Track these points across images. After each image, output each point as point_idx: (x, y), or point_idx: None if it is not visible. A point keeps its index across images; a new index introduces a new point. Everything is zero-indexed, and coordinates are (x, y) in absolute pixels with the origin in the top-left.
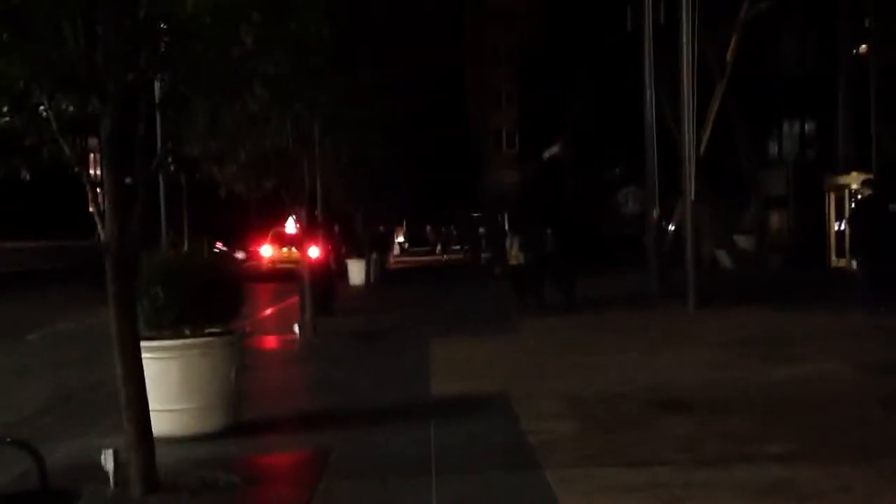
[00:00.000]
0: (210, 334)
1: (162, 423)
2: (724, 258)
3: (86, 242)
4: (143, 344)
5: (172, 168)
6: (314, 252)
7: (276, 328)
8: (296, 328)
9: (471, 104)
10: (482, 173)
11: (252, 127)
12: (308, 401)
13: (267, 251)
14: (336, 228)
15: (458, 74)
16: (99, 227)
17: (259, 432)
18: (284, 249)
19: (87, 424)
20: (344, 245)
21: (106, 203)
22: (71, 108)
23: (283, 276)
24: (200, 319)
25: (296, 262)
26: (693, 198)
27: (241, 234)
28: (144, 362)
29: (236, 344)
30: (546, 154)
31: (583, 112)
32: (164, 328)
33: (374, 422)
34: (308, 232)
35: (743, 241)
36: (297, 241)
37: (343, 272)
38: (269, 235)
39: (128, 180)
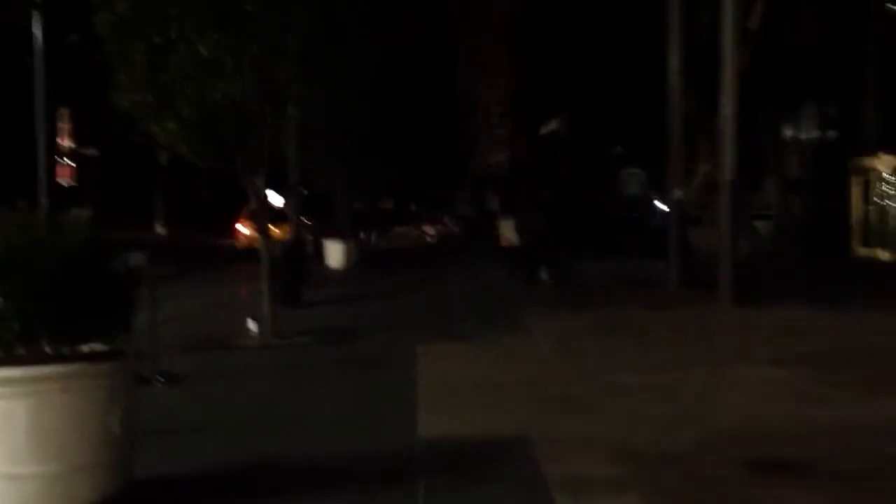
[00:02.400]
0: (80, 357)
1: (4, 495)
2: (740, 245)
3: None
4: None
5: None
6: (281, 230)
7: (229, 323)
8: (251, 324)
9: (460, 79)
10: (471, 151)
11: (199, 74)
12: (243, 443)
13: (243, 228)
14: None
15: (448, 46)
16: None
17: None
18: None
19: None
20: (322, 223)
21: None
22: None
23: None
24: (67, 333)
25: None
26: (731, 177)
27: (231, 211)
28: None
29: (122, 371)
30: (543, 130)
31: (584, 84)
32: (14, 347)
33: (329, 486)
34: (268, 205)
35: (762, 227)
36: (267, 217)
37: (319, 253)
38: (246, 211)
39: None
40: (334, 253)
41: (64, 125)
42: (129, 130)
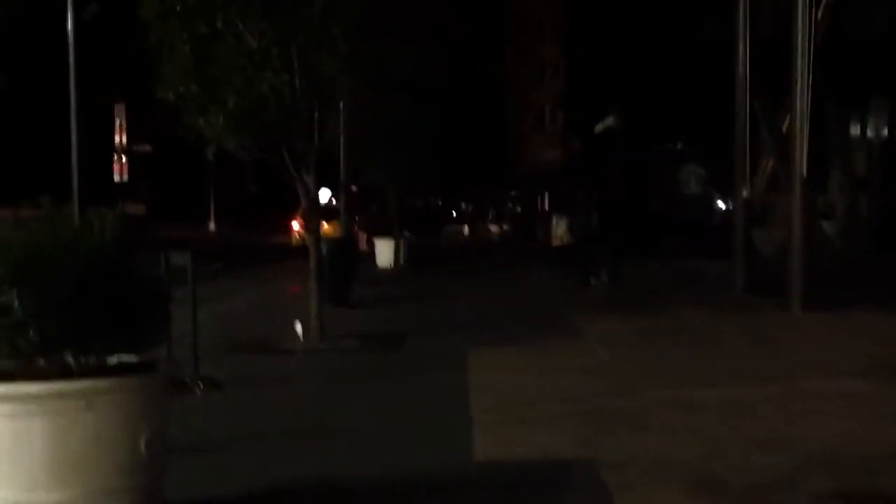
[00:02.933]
0: (107, 371)
1: None
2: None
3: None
4: None
5: None
6: (332, 228)
7: (275, 323)
8: (298, 327)
9: (510, 79)
10: (522, 150)
11: (245, 65)
12: (283, 460)
13: (298, 225)
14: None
15: (497, 43)
16: None
17: None
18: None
19: None
20: (374, 221)
21: None
22: None
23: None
24: (92, 344)
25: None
26: (803, 174)
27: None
28: None
29: (154, 386)
30: (598, 127)
31: (641, 78)
32: (32, 359)
33: None
34: (318, 203)
35: (828, 227)
36: (317, 215)
37: (371, 252)
38: (301, 208)
39: None
40: (384, 251)
41: (120, 121)
42: (176, 124)
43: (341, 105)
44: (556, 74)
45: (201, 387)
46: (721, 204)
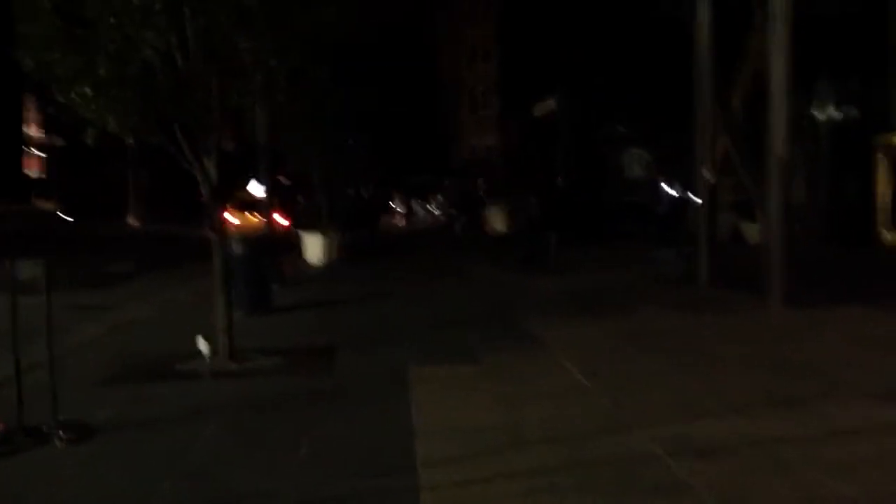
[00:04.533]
0: None
1: None
2: (750, 231)
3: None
4: None
5: None
6: (242, 220)
7: (180, 338)
8: (201, 344)
9: (441, 63)
10: (454, 137)
11: (122, 22)
12: None
13: (231, 217)
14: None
15: (428, 27)
16: None
17: None
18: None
19: None
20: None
21: None
22: None
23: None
24: None
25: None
26: (783, 153)
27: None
28: None
29: None
30: (537, 111)
31: (579, 58)
32: None
33: None
34: (219, 194)
35: None
36: (218, 210)
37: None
38: (234, 199)
39: None
40: (312, 246)
41: (30, 112)
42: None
43: (254, 78)
44: (487, 57)
45: (63, 436)
46: (667, 188)
